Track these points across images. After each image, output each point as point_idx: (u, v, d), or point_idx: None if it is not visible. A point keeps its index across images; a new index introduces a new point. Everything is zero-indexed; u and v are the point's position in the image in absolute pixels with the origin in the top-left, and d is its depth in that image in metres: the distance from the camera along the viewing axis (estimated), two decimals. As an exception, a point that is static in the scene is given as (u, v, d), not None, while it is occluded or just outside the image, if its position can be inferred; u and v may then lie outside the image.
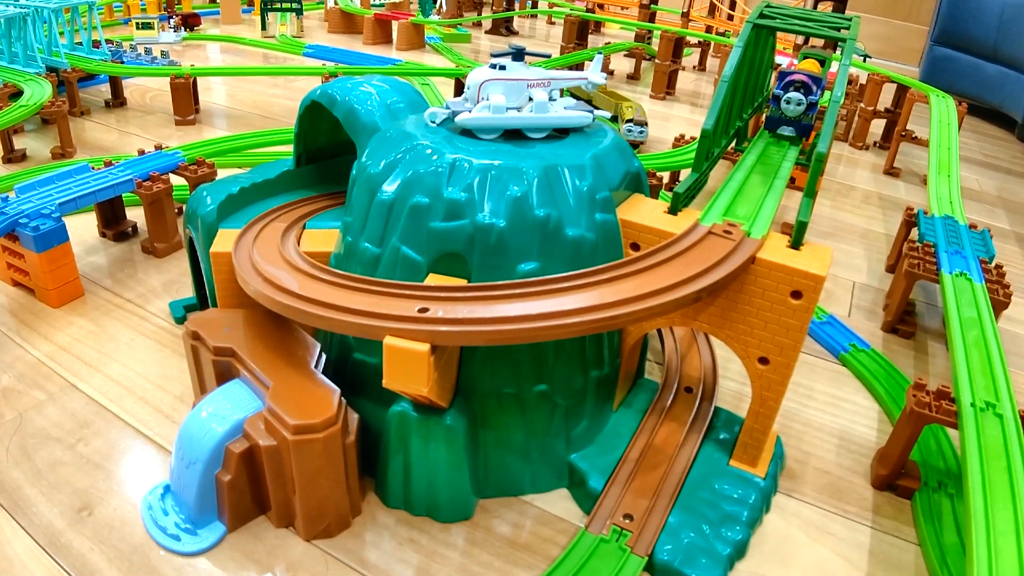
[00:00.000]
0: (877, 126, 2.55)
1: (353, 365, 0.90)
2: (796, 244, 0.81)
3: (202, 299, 1.20)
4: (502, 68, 0.88)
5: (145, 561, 0.81)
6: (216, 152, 1.67)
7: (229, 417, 0.81)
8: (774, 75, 1.36)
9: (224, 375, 0.88)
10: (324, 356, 0.87)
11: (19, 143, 1.89)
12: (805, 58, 1.44)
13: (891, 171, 2.23)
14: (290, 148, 1.15)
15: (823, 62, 1.44)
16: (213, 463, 0.81)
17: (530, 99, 0.90)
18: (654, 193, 1.43)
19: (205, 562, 0.81)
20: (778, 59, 2.49)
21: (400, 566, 0.82)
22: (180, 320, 1.21)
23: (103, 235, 1.46)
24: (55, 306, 1.23)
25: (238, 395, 0.84)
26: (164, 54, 2.53)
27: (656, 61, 2.84)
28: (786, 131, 1.23)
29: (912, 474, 0.96)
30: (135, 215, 1.50)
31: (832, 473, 0.99)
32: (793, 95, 1.20)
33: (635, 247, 0.86)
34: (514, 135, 0.90)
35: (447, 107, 0.91)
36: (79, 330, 1.18)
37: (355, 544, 0.84)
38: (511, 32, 3.97)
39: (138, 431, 0.98)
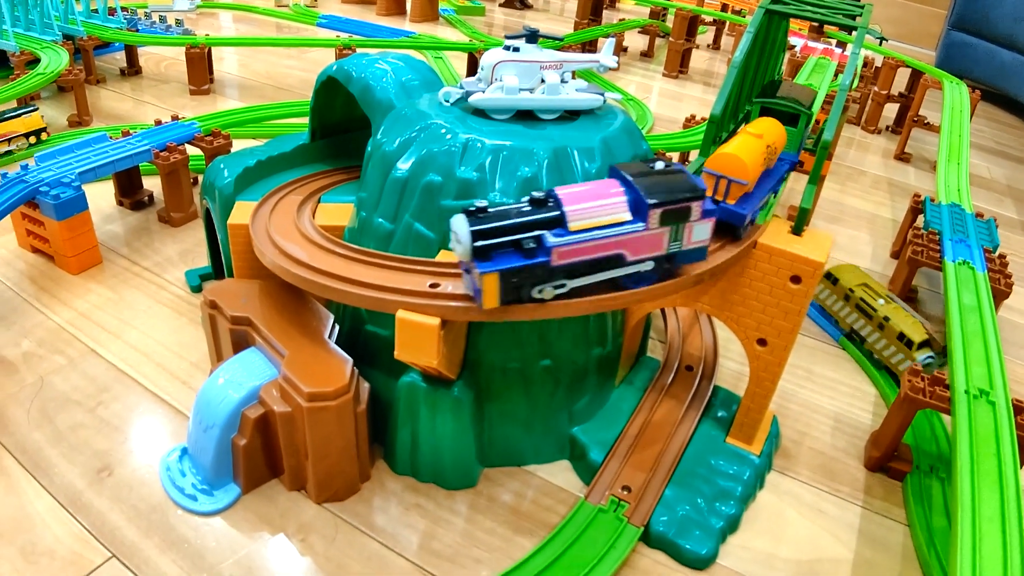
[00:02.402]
0: (890, 110, 2.54)
1: (365, 337, 0.93)
2: (797, 230, 0.83)
3: (218, 269, 1.23)
4: (516, 50, 0.90)
5: (163, 520, 0.84)
6: (231, 123, 1.69)
7: (245, 384, 0.84)
8: (787, 57, 1.34)
9: (240, 343, 0.91)
10: (337, 327, 0.90)
11: (37, 110, 1.91)
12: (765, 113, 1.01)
13: (902, 156, 2.23)
14: (305, 121, 1.17)
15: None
16: (229, 427, 0.84)
17: (542, 81, 0.92)
18: (662, 175, 1.44)
19: (220, 522, 0.85)
20: (792, 40, 2.48)
21: (406, 530, 0.85)
22: (196, 289, 1.24)
23: (120, 204, 1.49)
24: (74, 273, 1.26)
25: (254, 363, 0.87)
26: (179, 22, 2.54)
27: (670, 39, 2.83)
28: None
29: (904, 457, 0.99)
30: (151, 184, 1.52)
31: (826, 454, 1.02)
32: None
33: (641, 229, 0.88)
34: (526, 116, 0.92)
35: (461, 87, 0.93)
36: (98, 297, 1.21)
37: (364, 508, 0.87)
38: (525, 6, 3.94)
39: (156, 395, 1.02)
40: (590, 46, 2.80)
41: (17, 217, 1.28)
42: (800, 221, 0.83)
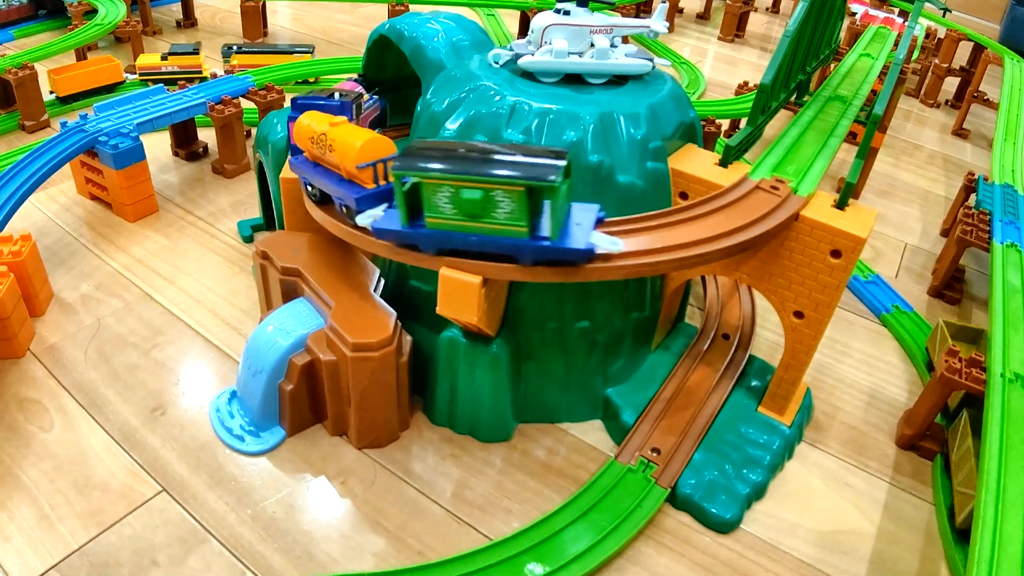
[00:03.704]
0: (951, 84, 2.46)
1: (409, 291, 0.96)
2: (841, 204, 0.83)
3: (268, 220, 1.26)
4: (566, 13, 0.90)
5: (212, 458, 0.89)
6: (284, 78, 1.72)
7: (293, 332, 0.88)
8: (846, 25, 1.29)
9: (289, 293, 0.95)
10: (383, 281, 0.93)
11: (96, 59, 1.96)
12: None
13: (960, 132, 2.16)
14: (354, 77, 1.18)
15: None
16: (277, 373, 0.88)
17: (592, 45, 0.92)
18: (712, 141, 1.43)
19: (266, 462, 0.89)
20: (853, 7, 2.40)
21: (441, 479, 0.89)
22: (247, 239, 1.28)
23: (176, 154, 1.53)
24: (131, 221, 1.31)
25: (302, 312, 0.91)
26: (234, -25, 2.56)
27: (727, 1, 2.76)
28: None
29: (936, 437, 0.98)
30: (206, 136, 1.56)
31: (858, 428, 1.02)
32: None
33: (683, 196, 0.89)
34: (574, 80, 0.92)
35: (511, 49, 0.94)
36: (154, 244, 1.26)
37: (402, 456, 0.91)
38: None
39: (207, 340, 1.06)
40: (645, 9, 2.75)
41: (76, 165, 1.33)
42: (845, 195, 0.82)
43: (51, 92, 1.68)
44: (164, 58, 1.77)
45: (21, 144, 1.52)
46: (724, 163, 0.90)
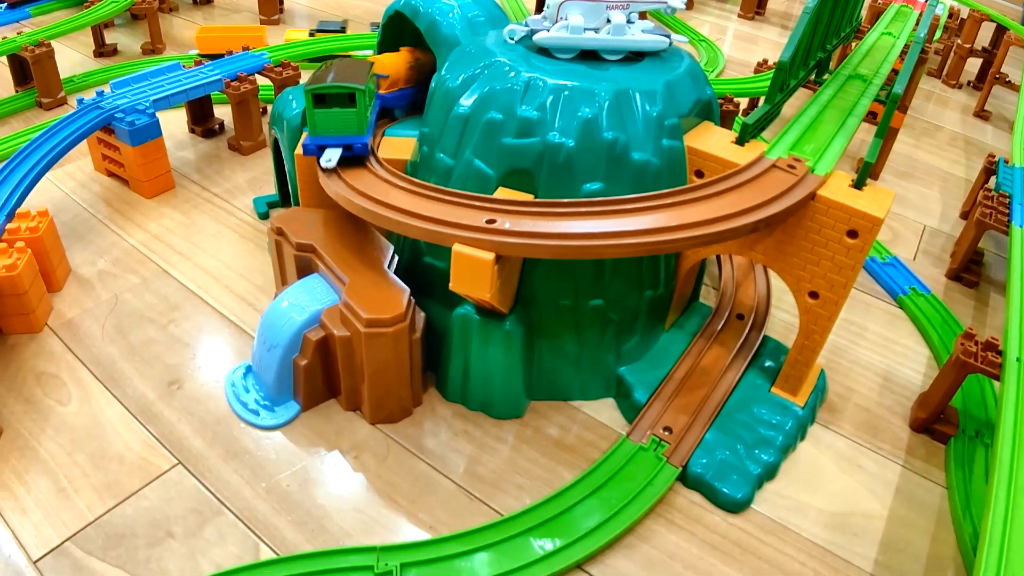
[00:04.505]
0: (973, 65, 2.42)
1: (423, 268, 0.96)
2: (859, 184, 0.82)
3: (284, 197, 1.27)
4: (583, -11, 0.89)
5: (227, 432, 0.90)
6: (300, 55, 1.72)
7: (308, 308, 0.88)
8: (867, 3, 1.28)
9: (304, 269, 0.95)
10: (396, 258, 0.93)
11: (110, 38, 1.96)
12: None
13: (981, 114, 2.13)
14: (372, 54, 1.18)
15: None
16: (291, 348, 0.89)
17: (608, 21, 0.91)
18: (730, 119, 1.42)
19: (280, 436, 0.90)
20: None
21: (454, 455, 0.89)
22: (263, 216, 1.28)
23: (192, 131, 1.54)
24: (148, 197, 1.31)
25: (316, 288, 0.91)
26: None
27: (748, -22, 2.71)
28: None
29: (951, 420, 0.98)
30: (222, 113, 1.57)
31: (871, 411, 1.02)
32: None
33: (699, 174, 0.89)
34: (590, 56, 0.92)
35: (526, 25, 0.93)
36: (170, 221, 1.26)
37: (415, 431, 0.92)
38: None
39: (223, 316, 1.07)
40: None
41: (93, 142, 1.34)
42: (863, 175, 0.82)
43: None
44: (311, 35, 1.84)
45: (38, 121, 1.53)
46: (741, 141, 0.89)
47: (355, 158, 0.89)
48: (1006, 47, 2.08)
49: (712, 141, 0.89)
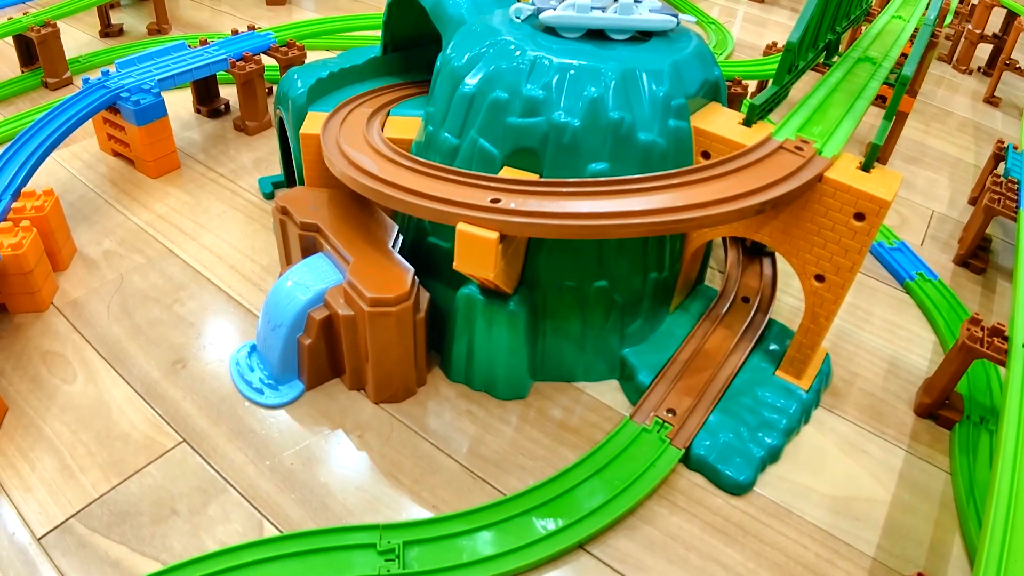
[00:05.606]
0: (983, 51, 2.40)
1: (427, 248, 0.96)
2: (867, 167, 0.81)
3: (289, 177, 1.27)
4: (590, -33, 0.88)
5: (232, 411, 0.90)
6: (306, 35, 1.71)
7: (312, 287, 0.88)
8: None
9: (309, 249, 0.95)
10: (401, 237, 0.93)
11: (116, 18, 1.95)
12: None
13: (991, 100, 2.11)
14: (378, 34, 1.17)
15: None
16: (296, 327, 0.89)
17: (615, 0, 0.90)
18: (738, 102, 1.41)
19: (284, 415, 0.90)
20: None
21: (457, 434, 0.89)
22: (268, 196, 1.28)
23: (197, 111, 1.53)
24: (153, 177, 1.31)
25: (321, 268, 0.91)
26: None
27: (756, -39, 2.68)
28: None
29: (956, 406, 0.97)
30: (227, 93, 1.56)
31: (876, 395, 1.01)
32: None
33: (706, 155, 0.88)
34: (597, 35, 0.91)
35: (532, 3, 0.92)
36: (175, 200, 1.26)
37: (418, 411, 0.92)
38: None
39: (228, 295, 1.07)
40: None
41: (99, 122, 1.33)
42: (871, 157, 0.81)
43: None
44: None
45: (44, 101, 1.53)
46: (748, 122, 0.88)
47: None
48: (1016, 33, 2.06)
49: (719, 122, 0.88)
